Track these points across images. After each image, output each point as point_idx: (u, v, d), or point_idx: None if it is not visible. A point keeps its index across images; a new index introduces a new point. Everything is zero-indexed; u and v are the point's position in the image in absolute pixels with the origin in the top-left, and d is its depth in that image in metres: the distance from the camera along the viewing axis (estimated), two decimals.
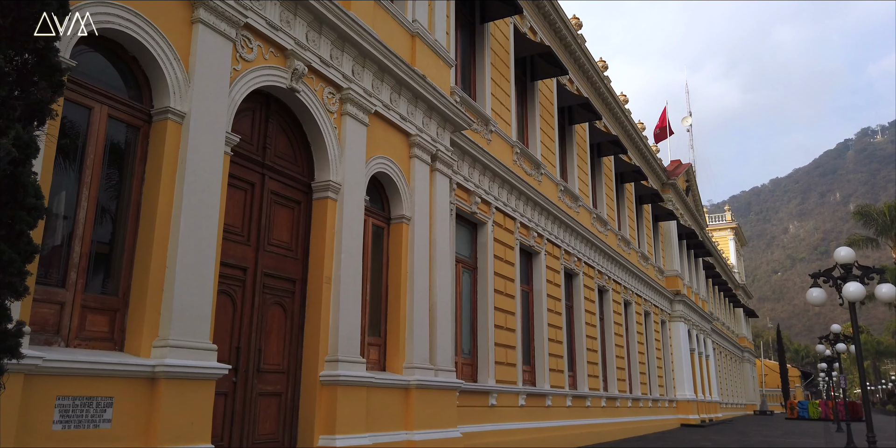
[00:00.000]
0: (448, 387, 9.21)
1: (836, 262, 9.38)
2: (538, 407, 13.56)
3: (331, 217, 7.58)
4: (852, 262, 9.27)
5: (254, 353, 6.70)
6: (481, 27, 13.32)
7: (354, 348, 7.46)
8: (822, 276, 9.65)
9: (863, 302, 9.19)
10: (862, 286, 9.07)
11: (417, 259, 9.06)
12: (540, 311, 14.42)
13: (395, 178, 8.91)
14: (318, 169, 7.72)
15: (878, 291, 8.87)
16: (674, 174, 28.73)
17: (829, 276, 9.57)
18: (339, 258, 7.49)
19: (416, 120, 9.42)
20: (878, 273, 9.23)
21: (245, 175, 6.84)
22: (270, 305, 7.02)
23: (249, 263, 6.78)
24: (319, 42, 7.55)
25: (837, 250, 9.50)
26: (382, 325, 8.73)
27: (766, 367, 62.12)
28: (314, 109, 7.48)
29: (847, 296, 9.04)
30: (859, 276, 9.20)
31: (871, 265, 9.85)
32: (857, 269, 9.32)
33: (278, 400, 6.99)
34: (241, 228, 6.77)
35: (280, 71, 7.00)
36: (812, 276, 9.80)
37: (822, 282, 9.73)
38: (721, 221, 58.21)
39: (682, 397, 26.28)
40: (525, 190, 13.65)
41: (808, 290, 9.62)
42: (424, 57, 9.80)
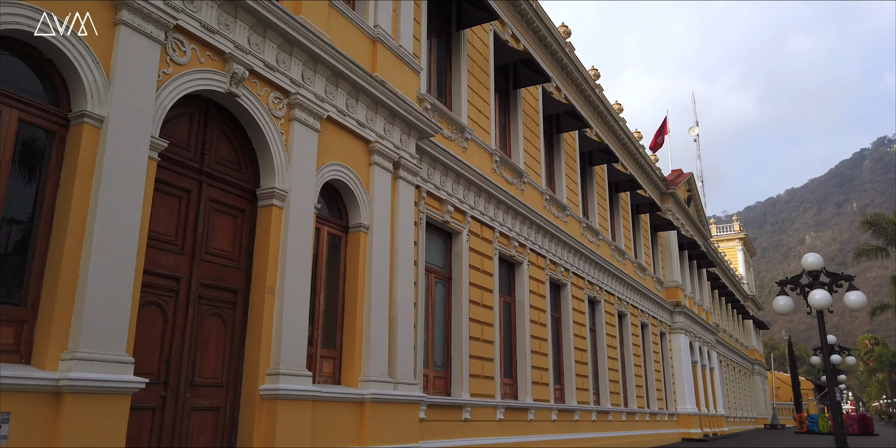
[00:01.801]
0: (409, 400, 8.91)
1: (803, 268, 9.04)
2: (519, 421, 13.20)
3: (275, 225, 7.36)
4: (819, 268, 8.92)
5: (187, 366, 6.46)
6: (457, 34, 13.14)
7: (299, 361, 7.20)
8: (790, 284, 9.31)
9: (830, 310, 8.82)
10: (828, 294, 8.71)
11: (376, 269, 8.81)
12: (522, 323, 14.10)
13: (351, 185, 8.69)
14: (264, 176, 7.51)
15: (847, 299, 8.51)
16: (673, 184, 28.34)
17: (796, 283, 9.23)
18: (283, 268, 7.26)
19: (377, 126, 9.20)
20: (846, 280, 8.87)
21: (179, 182, 6.64)
22: (208, 316, 6.78)
23: (183, 273, 6.55)
24: (263, 46, 7.37)
25: (805, 257, 9.16)
26: (338, 337, 8.47)
27: (779, 380, 61.03)
28: (257, 114, 7.28)
29: (813, 303, 8.68)
30: (828, 283, 8.85)
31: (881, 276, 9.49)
32: (825, 275, 8.97)
33: (216, 415, 6.74)
34: (175, 237, 6.55)
35: (218, 75, 6.82)
36: (779, 284, 9.45)
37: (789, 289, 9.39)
38: (729, 232, 57.53)
39: (683, 411, 25.74)
40: (504, 199, 13.39)
41: (775, 298, 9.26)
42: (387, 62, 9.60)
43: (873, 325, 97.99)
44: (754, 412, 49.04)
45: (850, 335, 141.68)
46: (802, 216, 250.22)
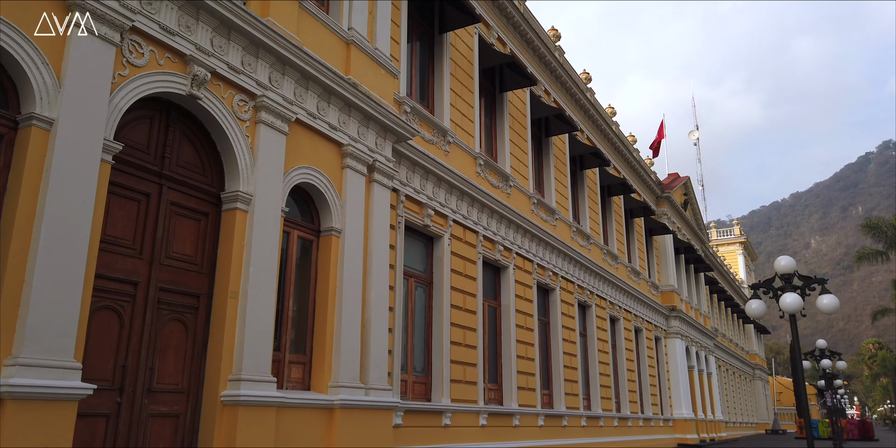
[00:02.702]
0: (381, 406, 8.81)
1: (776, 272, 8.91)
2: (503, 427, 13.07)
3: (240, 229, 7.27)
4: (792, 271, 8.79)
5: (144, 371, 6.37)
6: (440, 37, 13.07)
7: (262, 366, 7.11)
8: (762, 288, 9.17)
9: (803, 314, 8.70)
10: (799, 297, 8.58)
11: (349, 273, 8.72)
12: (508, 327, 13.98)
13: (322, 189, 8.60)
14: (229, 179, 7.43)
15: (819, 303, 8.37)
16: (668, 187, 28.20)
17: (769, 286, 9.09)
18: (247, 272, 7.17)
19: (350, 129, 9.12)
20: (819, 283, 8.74)
21: (138, 185, 6.56)
22: (168, 321, 6.69)
23: (141, 277, 6.47)
24: (228, 48, 7.30)
25: (777, 260, 9.03)
26: (308, 342, 8.38)
27: (781, 385, 60.65)
28: (220, 117, 7.21)
29: (784, 307, 8.55)
30: (800, 286, 8.72)
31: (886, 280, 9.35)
32: (798, 279, 8.84)
33: (175, 421, 6.65)
34: (133, 241, 6.47)
35: (178, 77, 6.75)
36: (752, 288, 9.32)
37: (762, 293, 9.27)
38: (729, 236, 57.28)
39: (679, 416, 25.54)
40: (489, 203, 13.29)
41: (748, 302, 9.12)
42: (361, 65, 9.53)
43: (879, 330, 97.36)
44: (755, 417, 48.73)
45: (856, 339, 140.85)
46: (807, 220, 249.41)
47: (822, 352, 18.80)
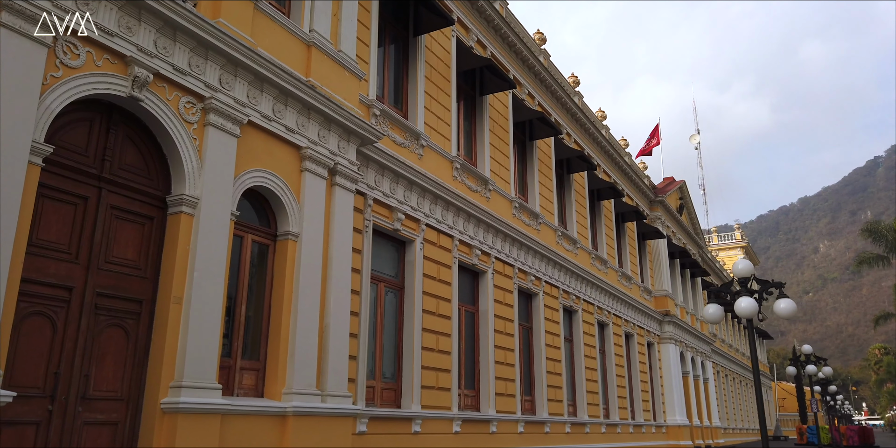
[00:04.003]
0: (339, 413, 8.65)
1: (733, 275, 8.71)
2: (479, 433, 12.89)
3: (185, 233, 7.15)
4: (749, 275, 8.60)
5: (79, 378, 6.24)
6: (415, 40, 12.95)
7: (206, 373, 6.97)
8: (721, 292, 8.98)
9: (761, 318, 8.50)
10: (754, 302, 8.38)
11: (306, 278, 8.58)
12: (486, 333, 13.81)
13: (279, 192, 8.48)
14: (175, 182, 7.31)
15: (776, 307, 8.18)
16: (662, 192, 27.98)
17: (726, 291, 8.90)
18: (191, 277, 7.04)
19: (309, 132, 9.00)
20: (777, 287, 8.55)
21: (74, 188, 6.44)
22: (106, 327, 6.57)
23: (76, 282, 6.34)
24: (174, 49, 7.19)
25: (735, 263, 8.84)
26: (263, 349, 8.24)
27: (784, 391, 60.10)
28: (165, 119, 7.09)
29: (739, 312, 8.36)
30: (758, 290, 8.52)
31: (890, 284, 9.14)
32: (756, 283, 8.65)
33: (113, 429, 6.51)
34: (68, 245, 6.35)
35: (117, 79, 6.64)
36: (709, 292, 9.12)
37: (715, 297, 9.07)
38: (730, 240, 56.88)
39: (672, 422, 25.27)
40: (464, 207, 13.15)
41: (706, 306, 8.91)
42: (323, 68, 9.41)
43: (888, 335, 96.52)
44: (756, 423, 48.24)
45: (865, 344, 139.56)
46: (816, 225, 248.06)
47: (808, 357, 18.49)
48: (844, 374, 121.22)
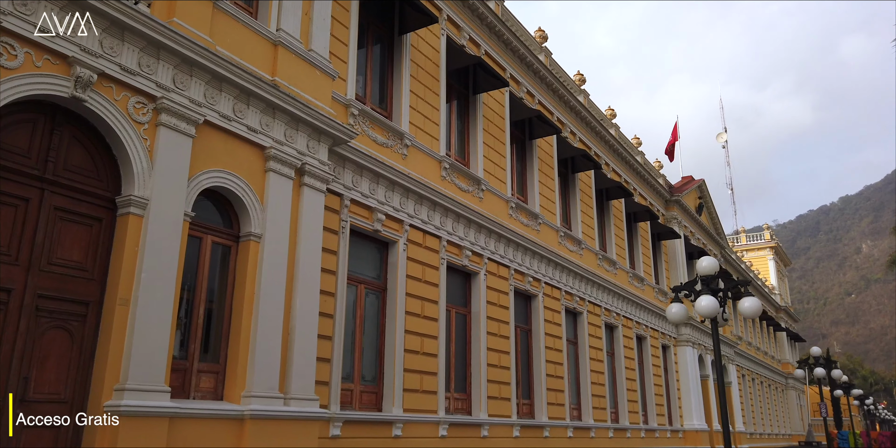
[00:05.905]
0: (304, 417, 8.52)
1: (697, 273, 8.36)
2: (469, 437, 12.67)
3: (133, 234, 7.08)
4: (714, 273, 8.25)
5: (17, 382, 6.21)
6: (399, 39, 12.81)
7: (154, 375, 6.88)
8: (684, 290, 8.64)
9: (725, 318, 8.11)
10: (715, 301, 8.02)
11: (269, 280, 8.48)
12: (478, 335, 13.59)
13: (240, 193, 8.39)
14: (125, 183, 7.25)
15: (741, 306, 7.82)
16: (679, 191, 27.41)
17: (690, 289, 8.55)
18: (139, 278, 6.97)
19: (275, 132, 8.90)
20: (742, 285, 8.18)
21: (15, 190, 6.41)
22: (48, 330, 6.52)
23: (16, 285, 6.31)
24: (121, 49, 7.14)
25: (699, 261, 8.48)
26: (223, 351, 8.15)
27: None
28: (112, 120, 7.04)
29: (700, 311, 8.01)
30: (722, 289, 8.16)
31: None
32: (721, 281, 8.29)
33: (55, 433, 6.45)
34: (8, 247, 6.32)
35: (59, 79, 6.60)
36: (673, 290, 8.79)
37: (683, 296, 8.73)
38: (759, 241, 55.58)
39: (690, 427, 24.70)
40: (453, 207, 12.95)
41: (669, 305, 8.58)
42: (291, 67, 9.31)
43: None
44: (788, 428, 47.05)
45: None
46: (858, 224, 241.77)
47: (818, 360, 17.85)
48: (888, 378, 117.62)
